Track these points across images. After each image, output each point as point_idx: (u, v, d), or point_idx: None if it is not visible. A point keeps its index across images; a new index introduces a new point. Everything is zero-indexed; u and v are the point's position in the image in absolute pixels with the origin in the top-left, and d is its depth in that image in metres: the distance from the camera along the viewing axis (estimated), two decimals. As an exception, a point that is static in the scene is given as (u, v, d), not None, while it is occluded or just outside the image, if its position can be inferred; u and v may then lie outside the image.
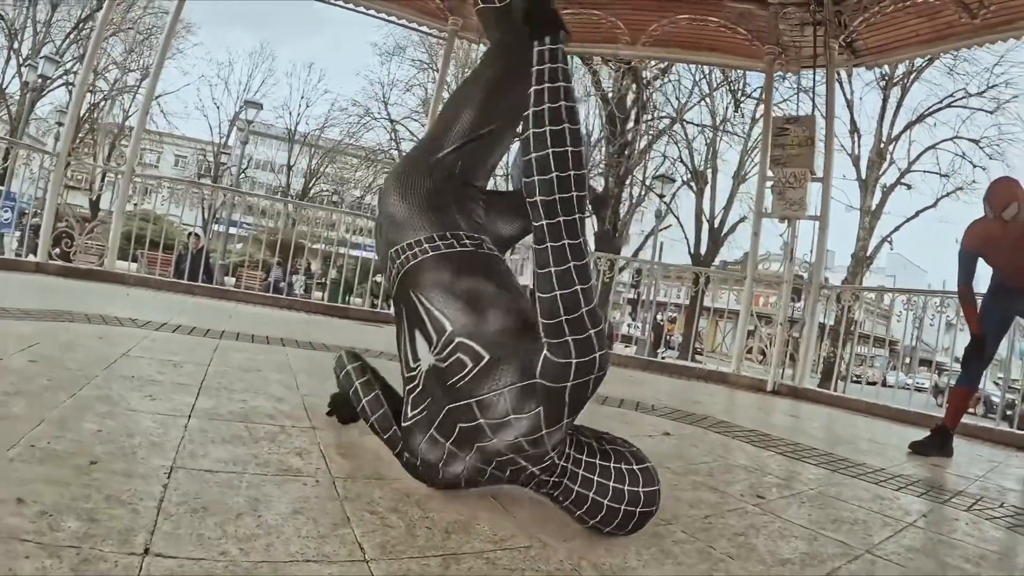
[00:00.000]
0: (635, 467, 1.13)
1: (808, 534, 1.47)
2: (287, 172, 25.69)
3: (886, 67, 12.84)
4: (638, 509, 1.12)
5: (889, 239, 16.14)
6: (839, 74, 7.27)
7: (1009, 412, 5.77)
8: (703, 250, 18.41)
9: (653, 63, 14.46)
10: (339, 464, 1.37)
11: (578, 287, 1.04)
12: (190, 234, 8.78)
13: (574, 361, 1.04)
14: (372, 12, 6.73)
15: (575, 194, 1.03)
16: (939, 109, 15.43)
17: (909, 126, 15.63)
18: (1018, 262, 2.79)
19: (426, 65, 22.07)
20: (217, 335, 3.06)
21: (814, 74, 5.44)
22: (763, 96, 16.29)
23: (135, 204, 5.60)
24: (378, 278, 9.18)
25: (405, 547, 1.01)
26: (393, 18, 6.83)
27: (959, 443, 3.14)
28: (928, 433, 2.98)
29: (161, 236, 6.44)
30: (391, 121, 22.71)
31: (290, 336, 3.48)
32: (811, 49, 5.21)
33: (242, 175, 21.54)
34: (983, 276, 3.08)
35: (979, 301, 3.05)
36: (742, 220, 18.51)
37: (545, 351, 1.05)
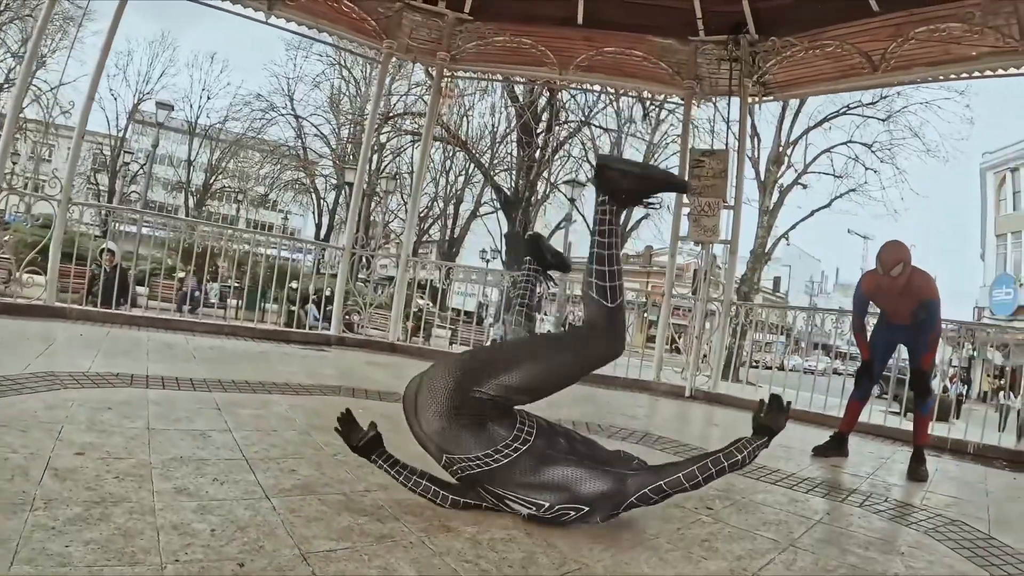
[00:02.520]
0: None
1: (749, 535, 2.01)
2: (188, 167, 24.07)
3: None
4: None
5: (786, 236, 17.82)
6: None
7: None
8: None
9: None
10: (412, 522, 1.70)
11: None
12: (102, 251, 8.21)
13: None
14: (303, 29, 6.72)
15: None
16: (836, 116, 16.96)
17: (807, 131, 17.07)
18: (899, 306, 3.51)
19: (333, 61, 21.52)
20: (204, 386, 3.17)
21: (728, 103, 6.00)
22: (658, 111, 17.44)
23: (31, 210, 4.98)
24: (294, 284, 9.03)
25: (508, 584, 1.39)
26: (325, 34, 6.80)
27: (853, 440, 3.86)
28: (828, 437, 3.69)
29: (62, 244, 5.36)
30: (296, 117, 22.00)
31: (267, 379, 3.62)
32: (727, 83, 5.77)
33: (141, 171, 19.95)
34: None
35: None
36: (645, 217, 19.81)
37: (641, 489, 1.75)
